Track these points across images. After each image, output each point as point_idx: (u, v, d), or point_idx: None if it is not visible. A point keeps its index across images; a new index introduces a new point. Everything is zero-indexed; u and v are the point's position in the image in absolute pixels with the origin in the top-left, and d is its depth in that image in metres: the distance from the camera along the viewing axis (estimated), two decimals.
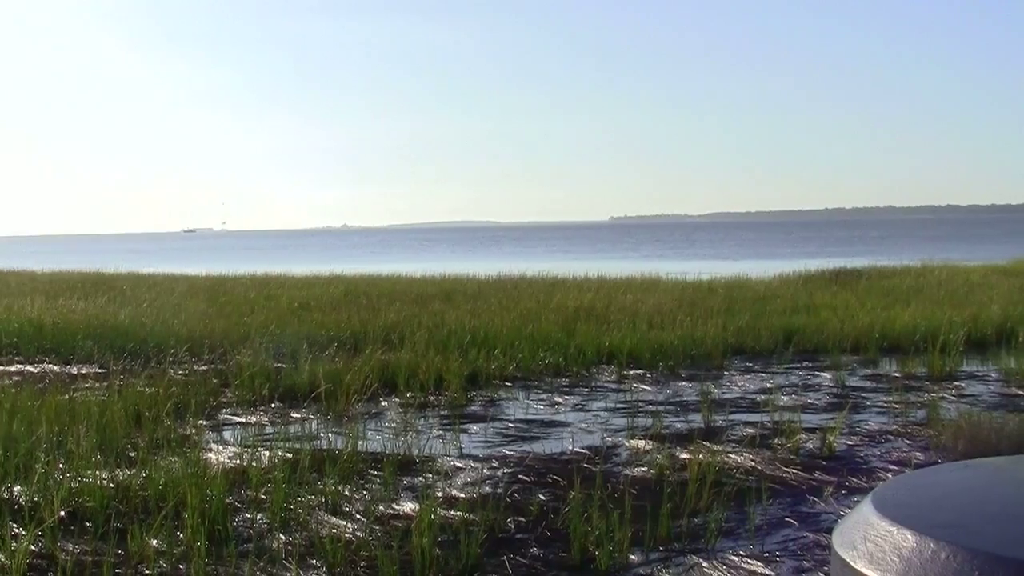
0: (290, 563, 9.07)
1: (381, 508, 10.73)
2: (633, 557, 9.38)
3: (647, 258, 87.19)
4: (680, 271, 45.11)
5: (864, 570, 2.11)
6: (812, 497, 11.24)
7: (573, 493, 10.56)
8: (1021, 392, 17.51)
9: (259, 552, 9.34)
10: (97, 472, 11.57)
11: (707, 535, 9.83)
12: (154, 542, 9.48)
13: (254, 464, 12.15)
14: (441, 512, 10.25)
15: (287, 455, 12.62)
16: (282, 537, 9.82)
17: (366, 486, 11.65)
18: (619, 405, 16.86)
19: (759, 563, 9.14)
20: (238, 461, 12.58)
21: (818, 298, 30.47)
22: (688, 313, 25.82)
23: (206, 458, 12.60)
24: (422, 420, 15.66)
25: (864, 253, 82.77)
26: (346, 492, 11.30)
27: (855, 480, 11.85)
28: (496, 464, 12.73)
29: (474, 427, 15.20)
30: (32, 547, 9.26)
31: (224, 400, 17.03)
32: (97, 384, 18.01)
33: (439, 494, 11.06)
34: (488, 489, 11.49)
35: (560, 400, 17.32)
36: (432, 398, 17.28)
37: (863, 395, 17.43)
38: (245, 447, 13.33)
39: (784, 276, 42.70)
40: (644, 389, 18.21)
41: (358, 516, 10.47)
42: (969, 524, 2.12)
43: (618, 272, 44.49)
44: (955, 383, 18.42)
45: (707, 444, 13.34)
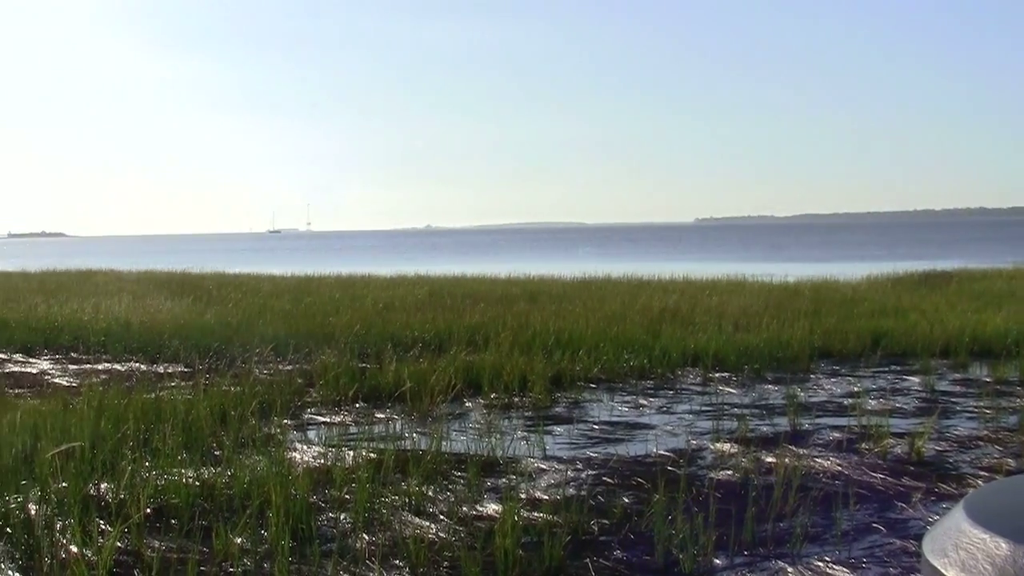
0: (373, 563, 9.07)
1: (464, 509, 10.72)
2: (717, 561, 9.30)
3: (732, 260, 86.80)
4: (766, 273, 44.85)
5: None
6: (900, 503, 11.09)
7: (657, 496, 10.48)
8: None
9: (342, 552, 9.35)
10: (183, 470, 11.66)
11: (793, 540, 9.73)
12: (238, 540, 9.52)
13: (338, 464, 12.19)
14: (524, 513, 10.24)
15: (371, 455, 12.64)
16: (365, 537, 9.83)
17: (450, 487, 11.64)
18: (704, 408, 16.75)
19: (845, 569, 9.03)
20: (322, 461, 12.62)
21: (907, 301, 30.17)
22: (774, 315, 25.65)
23: (290, 457, 12.65)
24: (506, 421, 15.64)
25: (954, 255, 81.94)
26: (430, 493, 11.29)
27: (944, 486, 11.68)
28: (580, 466, 12.68)
29: (558, 429, 15.15)
30: (118, 543, 9.33)
31: (309, 400, 17.09)
32: (183, 383, 18.15)
33: (523, 495, 11.04)
34: (572, 491, 11.44)
35: (645, 402, 17.23)
36: (516, 399, 17.24)
37: (952, 400, 17.20)
38: (329, 447, 13.36)
39: (872, 278, 42.35)
40: (729, 392, 18.09)
41: (441, 517, 10.47)
42: None
43: (703, 274, 44.33)
44: None
45: (793, 448, 13.25)
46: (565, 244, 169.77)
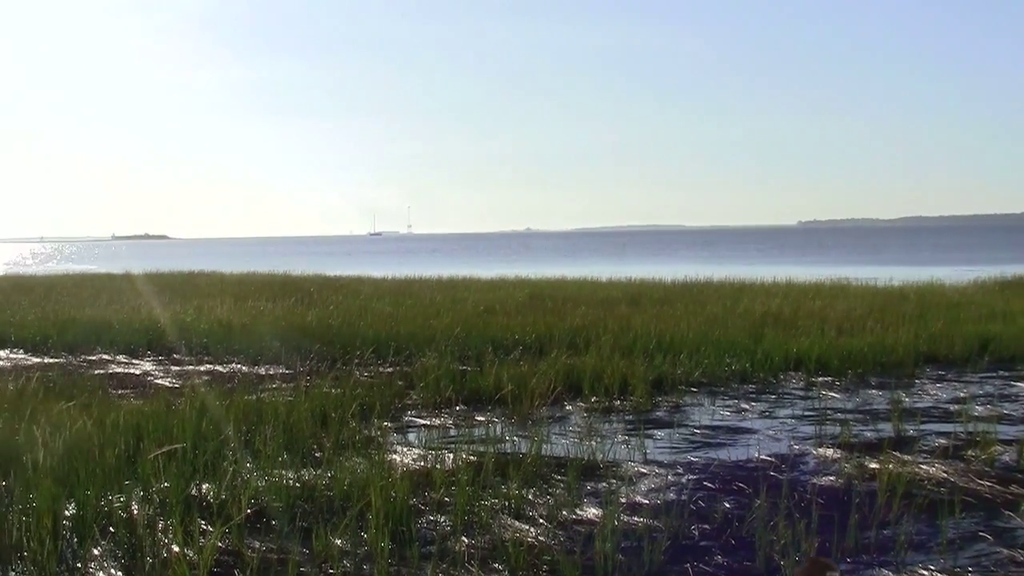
0: (472, 566, 9.06)
1: (564, 513, 10.68)
2: None
3: (836, 263, 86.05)
4: (870, 276, 44.48)
5: None
6: (1008, 511, 10.89)
7: (759, 501, 10.41)
8: None
9: (442, 554, 9.35)
10: (283, 471, 11.72)
11: (896, 548, 9.59)
12: (338, 542, 9.55)
13: (438, 466, 12.19)
14: (624, 518, 10.18)
15: (471, 458, 12.63)
16: (465, 540, 9.82)
17: (549, 490, 11.60)
18: (807, 412, 16.59)
19: None
20: (422, 463, 12.62)
21: (1016, 305, 29.68)
22: (878, 319, 25.38)
23: (390, 460, 12.67)
24: (607, 425, 15.58)
25: None
26: (529, 496, 11.26)
27: None
28: (680, 470, 12.60)
29: (659, 433, 15.07)
30: (219, 544, 9.38)
31: (409, 402, 17.13)
32: (284, 385, 18.25)
33: (623, 500, 10.97)
34: (672, 495, 11.37)
35: (746, 407, 17.10)
36: (617, 403, 17.18)
37: None
38: (429, 449, 13.36)
39: (980, 282, 41.80)
40: (832, 396, 17.89)
41: (541, 520, 10.43)
42: None
43: (806, 277, 43.98)
44: None
45: (897, 454, 13.05)
46: (666, 247, 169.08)
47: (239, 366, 21.40)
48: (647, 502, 10.97)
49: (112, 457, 11.83)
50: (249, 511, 10.42)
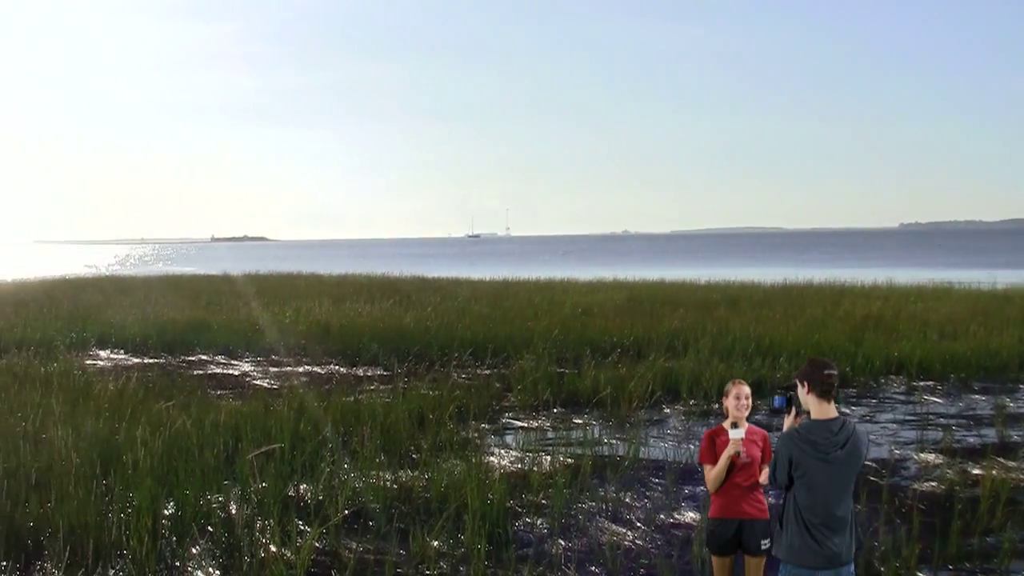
0: (569, 568, 9.03)
1: (662, 516, 10.62)
2: (920, 575, 9.07)
3: (938, 266, 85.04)
4: (973, 279, 43.87)
5: None
6: None
7: (858, 506, 10.27)
8: None
9: (538, 557, 9.32)
10: (380, 473, 11.76)
11: (1000, 556, 9.42)
12: (435, 543, 9.55)
13: (535, 469, 12.17)
14: None
15: (568, 460, 12.60)
16: (561, 543, 9.79)
17: (647, 494, 11.54)
18: (908, 417, 16.38)
19: None
20: (519, 465, 12.61)
21: None
22: (982, 323, 25.04)
23: (487, 461, 12.68)
24: (704, 428, 15.46)
25: None
26: (627, 499, 11.21)
27: None
28: None
29: None
30: (316, 544, 9.43)
31: (506, 404, 17.12)
32: (381, 386, 18.32)
33: None
34: (771, 500, 11.27)
35: (847, 410, 16.89)
36: (715, 406, 17.05)
37: None
38: (526, 451, 13.35)
39: None
40: (934, 401, 17.67)
41: (638, 524, 10.38)
42: None
43: (907, 280, 43.52)
44: None
45: (1001, 460, 12.86)
46: (765, 249, 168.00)
47: (337, 367, 21.52)
48: None
49: (211, 457, 11.93)
50: (346, 511, 10.47)
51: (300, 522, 9.98)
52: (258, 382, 19.62)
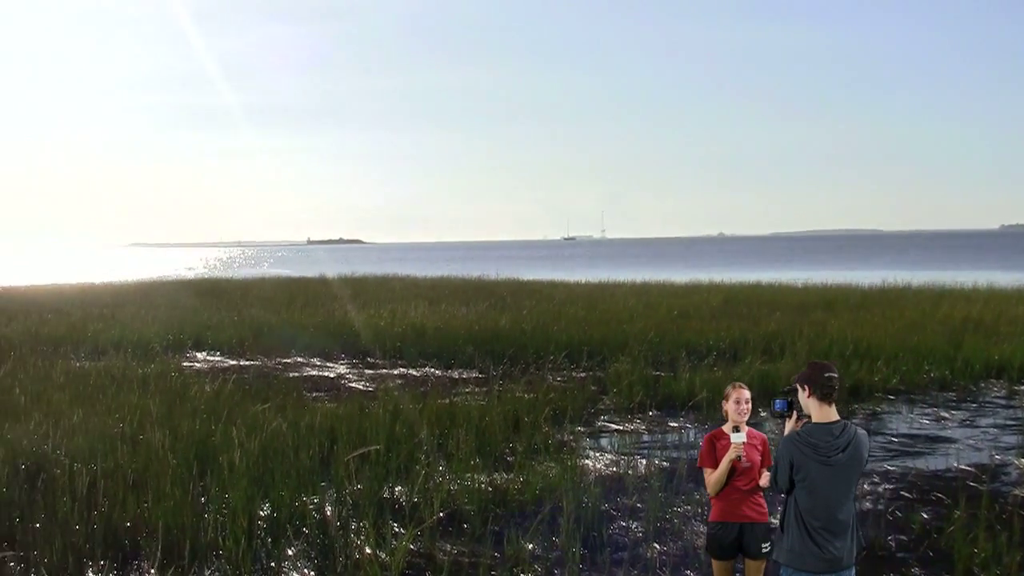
0: (664, 572, 8.99)
1: None
2: None
3: None
4: None
5: None
6: None
7: (958, 512, 10.14)
8: None
9: (633, 560, 9.29)
10: (475, 475, 11.75)
11: None
12: (529, 546, 9.54)
13: (630, 472, 12.13)
14: None
15: (664, 464, 12.55)
16: (656, 546, 9.74)
17: None
18: (1009, 422, 16.16)
19: None
20: (614, 468, 12.58)
21: None
22: None
23: (582, 464, 12.65)
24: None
25: None
26: None
27: None
28: (877, 479, 12.37)
29: None
30: (411, 546, 9.44)
31: (602, 407, 17.08)
32: (477, 389, 18.34)
33: None
34: (868, 504, 11.17)
35: (946, 415, 16.72)
36: None
37: None
38: (621, 454, 13.32)
39: None
40: None
41: None
42: None
43: (1009, 282, 42.94)
44: None
45: None
46: (862, 251, 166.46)
47: (432, 370, 21.58)
48: None
49: (306, 458, 11.98)
50: (441, 514, 10.47)
51: (395, 524, 10.00)
52: (354, 384, 19.71)
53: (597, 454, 13.49)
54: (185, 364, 22.37)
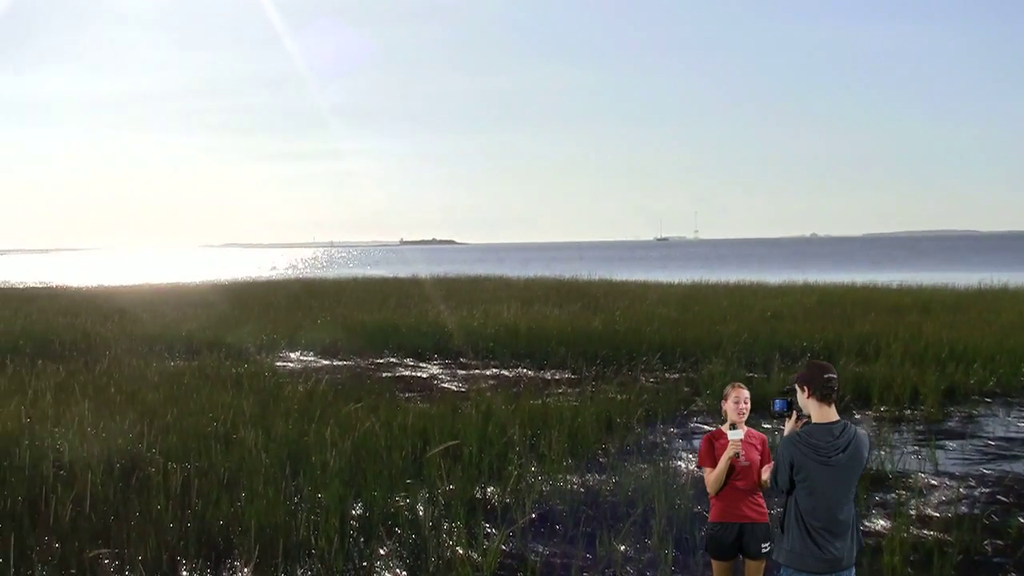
0: None
1: None
2: None
3: None
4: None
5: None
6: None
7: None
8: None
9: None
10: (567, 476, 11.77)
11: None
12: (622, 548, 9.53)
13: None
14: (913, 530, 9.93)
15: None
16: None
17: None
18: None
19: None
20: None
21: None
22: None
23: (675, 466, 12.63)
24: (896, 435, 15.21)
25: None
26: None
27: None
28: (973, 483, 12.24)
29: (950, 444, 14.64)
30: (503, 546, 9.45)
31: (694, 408, 17.02)
32: (569, 390, 18.31)
33: (912, 512, 10.70)
34: (964, 509, 11.05)
35: None
36: (907, 412, 16.78)
37: None
38: None
39: None
40: None
41: None
42: None
43: None
44: None
45: None
46: (957, 252, 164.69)
47: (525, 370, 21.61)
48: (937, 515, 10.68)
49: (399, 458, 12.05)
50: (533, 514, 10.49)
51: (487, 524, 10.03)
52: (446, 385, 19.78)
53: (690, 456, 13.44)
54: (278, 364, 22.57)
